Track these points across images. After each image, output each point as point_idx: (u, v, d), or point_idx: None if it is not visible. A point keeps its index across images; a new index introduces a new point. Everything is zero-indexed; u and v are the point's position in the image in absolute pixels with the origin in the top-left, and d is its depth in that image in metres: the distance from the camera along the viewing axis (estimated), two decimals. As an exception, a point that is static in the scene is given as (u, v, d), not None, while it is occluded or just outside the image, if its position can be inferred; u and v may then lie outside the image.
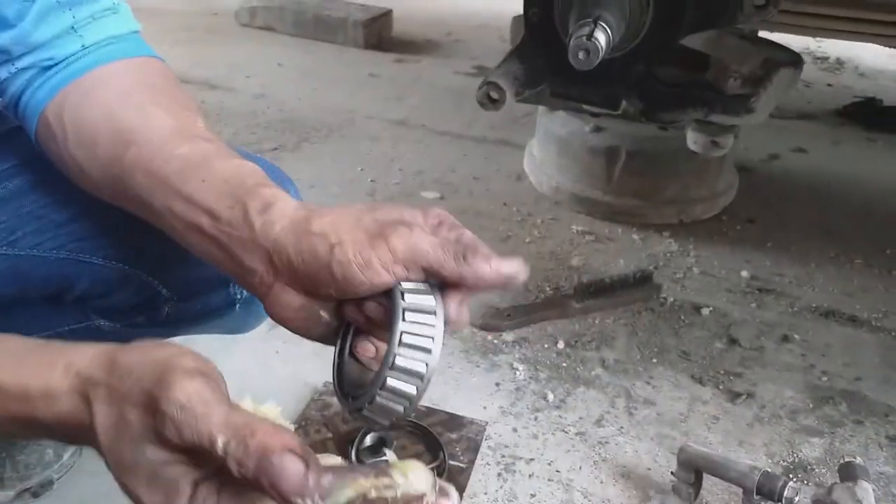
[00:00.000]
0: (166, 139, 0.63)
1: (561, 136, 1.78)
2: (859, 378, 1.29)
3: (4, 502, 1.00)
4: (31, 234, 0.75)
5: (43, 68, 0.67)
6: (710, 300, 1.47)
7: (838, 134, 2.24)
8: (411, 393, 0.50)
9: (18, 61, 0.67)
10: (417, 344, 0.50)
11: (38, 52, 0.67)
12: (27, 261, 0.75)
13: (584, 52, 1.01)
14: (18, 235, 0.75)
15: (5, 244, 0.75)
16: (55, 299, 0.82)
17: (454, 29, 3.02)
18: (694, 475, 0.99)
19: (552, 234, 1.67)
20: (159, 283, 0.81)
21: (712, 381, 1.27)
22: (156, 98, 0.67)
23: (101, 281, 0.79)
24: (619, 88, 1.18)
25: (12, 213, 0.75)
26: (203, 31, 2.86)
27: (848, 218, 1.78)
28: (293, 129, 2.11)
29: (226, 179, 0.59)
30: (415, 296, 0.52)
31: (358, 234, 0.53)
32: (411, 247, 0.52)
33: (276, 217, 0.56)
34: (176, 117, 0.65)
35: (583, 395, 1.23)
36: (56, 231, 0.76)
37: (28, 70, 0.67)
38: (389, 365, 0.50)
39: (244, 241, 0.56)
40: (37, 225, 0.75)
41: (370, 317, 0.55)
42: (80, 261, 0.77)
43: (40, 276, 0.77)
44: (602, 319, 1.40)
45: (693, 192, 1.72)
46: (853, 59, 2.83)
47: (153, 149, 0.62)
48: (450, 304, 0.53)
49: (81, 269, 0.78)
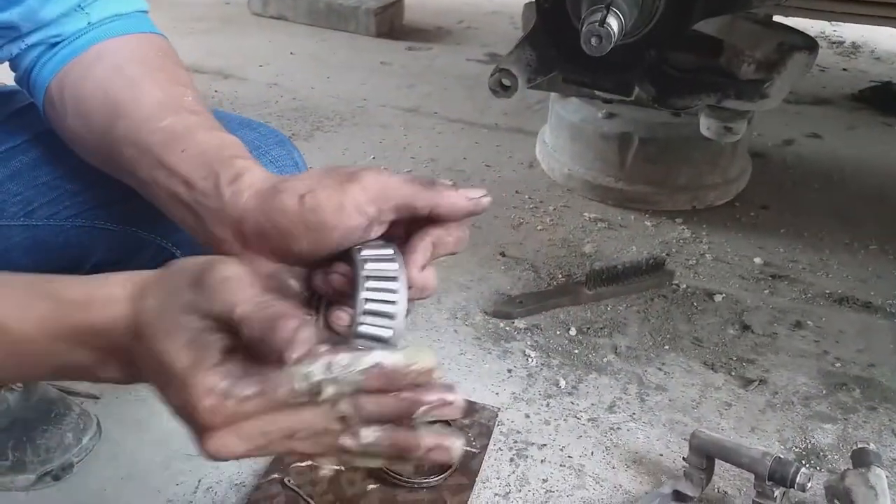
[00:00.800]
0: (153, 112, 0.65)
1: (573, 123, 1.77)
2: (873, 364, 1.28)
3: (26, 486, 1.01)
4: (46, 204, 0.77)
5: (50, 45, 0.70)
6: (722, 287, 1.47)
7: (853, 119, 2.22)
8: None
9: (28, 38, 0.70)
10: (380, 310, 0.51)
11: (46, 29, 0.70)
12: (45, 231, 0.78)
13: (596, 38, 1.01)
14: (35, 206, 0.77)
15: (22, 215, 0.77)
16: (73, 270, 0.84)
17: (466, 16, 3.00)
18: (706, 461, 1.00)
19: (564, 221, 1.67)
20: (174, 246, 0.83)
21: (725, 368, 1.27)
22: (148, 72, 0.69)
23: (117, 247, 0.81)
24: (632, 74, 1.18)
25: (27, 185, 0.77)
26: (216, 21, 2.87)
27: (863, 204, 1.77)
28: (306, 118, 2.12)
29: (204, 150, 0.61)
30: (377, 263, 0.53)
31: (327, 181, 0.54)
32: (382, 183, 0.53)
33: (244, 186, 0.57)
34: (165, 91, 0.67)
35: (595, 381, 1.23)
36: (72, 200, 0.78)
37: (37, 46, 0.70)
38: (354, 334, 0.51)
39: (214, 210, 0.58)
40: (52, 195, 0.77)
41: (336, 288, 0.56)
42: (95, 227, 0.79)
43: (58, 246, 0.79)
44: (614, 306, 1.40)
45: (706, 179, 1.72)
46: (869, 43, 2.80)
47: (140, 121, 0.64)
48: (412, 268, 0.54)
49: (98, 237, 0.80)
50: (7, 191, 0.76)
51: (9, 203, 0.76)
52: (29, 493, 1.01)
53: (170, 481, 1.03)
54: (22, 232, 0.77)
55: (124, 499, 1.01)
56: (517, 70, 1.20)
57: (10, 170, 0.77)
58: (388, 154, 1.94)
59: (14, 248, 0.77)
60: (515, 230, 1.63)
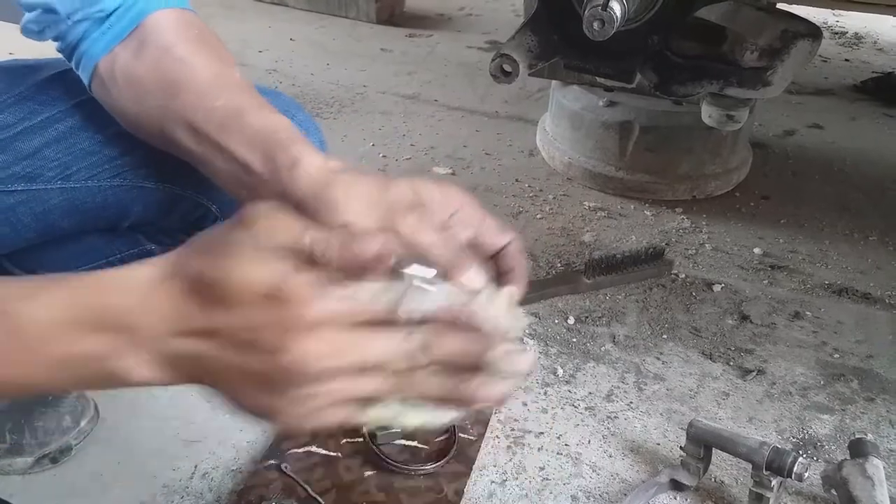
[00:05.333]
0: (207, 91, 0.67)
1: (574, 111, 1.76)
2: (871, 355, 1.28)
3: (24, 468, 1.01)
4: (85, 168, 0.79)
5: (96, 20, 0.70)
6: (722, 277, 1.46)
7: (855, 110, 2.21)
8: None
9: (72, 16, 0.71)
10: None
11: (88, 7, 0.70)
12: (83, 192, 0.79)
13: (599, 23, 1.00)
14: (73, 171, 0.79)
15: (60, 178, 0.78)
16: (111, 229, 0.86)
17: (467, 3, 2.99)
18: (703, 450, 1.00)
19: (564, 209, 1.67)
20: (209, 201, 0.84)
21: (723, 358, 1.26)
22: (196, 51, 0.70)
23: (154, 204, 0.83)
24: (634, 61, 1.17)
25: (65, 151, 0.78)
26: (216, 6, 2.85)
27: (863, 195, 1.76)
28: (305, 105, 2.10)
29: (258, 132, 0.62)
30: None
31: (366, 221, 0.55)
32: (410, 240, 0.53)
33: (301, 174, 0.58)
34: (214, 70, 0.69)
35: (593, 370, 1.23)
36: (110, 164, 0.79)
37: (82, 22, 0.71)
38: None
39: (274, 193, 0.59)
40: (91, 160, 0.79)
41: None
42: (133, 186, 0.81)
43: (96, 206, 0.81)
44: (613, 295, 1.40)
45: (707, 169, 1.71)
46: (872, 34, 2.79)
47: (196, 101, 0.66)
48: None
49: (135, 195, 0.81)
50: (45, 157, 0.78)
51: (46, 168, 0.78)
52: (26, 475, 1.01)
53: (166, 466, 1.03)
54: (60, 194, 0.79)
55: (121, 483, 1.01)
56: (518, 56, 1.19)
57: (46, 138, 0.78)
58: (387, 142, 1.93)
59: (53, 210, 0.79)
60: (515, 218, 1.62)
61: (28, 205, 0.78)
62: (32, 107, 0.78)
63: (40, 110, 0.78)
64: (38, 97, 0.79)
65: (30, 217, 0.79)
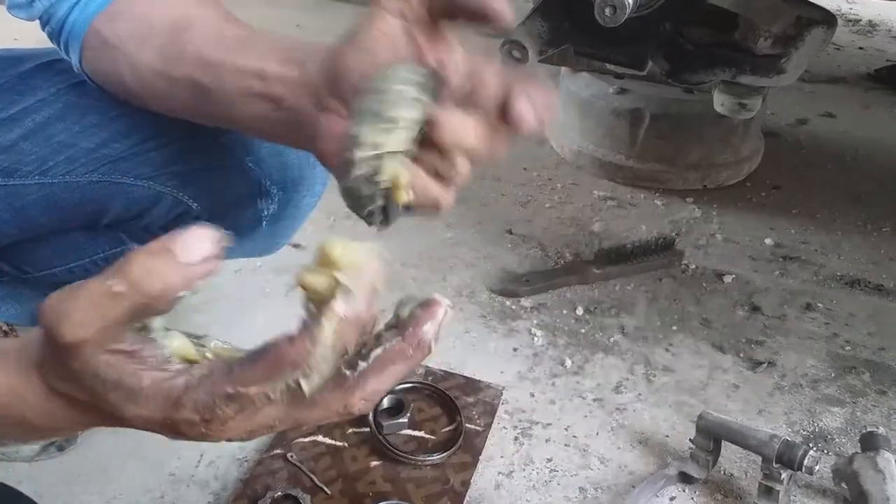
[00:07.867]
0: (216, 24, 0.66)
1: (584, 99, 1.74)
2: (883, 348, 1.27)
3: (30, 456, 1.01)
4: (62, 162, 0.78)
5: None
6: (732, 267, 1.45)
7: (868, 98, 2.18)
8: None
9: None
10: None
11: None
12: (61, 188, 0.78)
13: (610, 8, 0.98)
14: (50, 165, 0.77)
15: (37, 174, 0.77)
16: (90, 226, 0.85)
17: (475, -11, 2.96)
18: (712, 443, 0.99)
19: (573, 199, 1.65)
20: (190, 198, 0.83)
21: (733, 349, 1.25)
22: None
23: (133, 201, 0.82)
24: (646, 48, 1.15)
25: (42, 144, 0.77)
26: (221, -9, 2.84)
27: (877, 184, 1.74)
28: (312, 91, 2.09)
29: (272, 41, 0.62)
30: None
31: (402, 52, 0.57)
32: None
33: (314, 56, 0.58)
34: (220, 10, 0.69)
35: (601, 361, 1.22)
36: (87, 157, 0.78)
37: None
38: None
39: (291, 87, 0.58)
40: (68, 153, 0.78)
41: None
42: (112, 182, 0.79)
43: (74, 202, 0.79)
44: (622, 286, 1.39)
45: (718, 158, 1.69)
46: (886, 22, 2.75)
47: (207, 30, 0.65)
48: None
49: (114, 191, 0.80)
50: (21, 150, 0.76)
51: (23, 162, 0.76)
52: (33, 463, 1.01)
53: (172, 455, 1.03)
54: (38, 190, 0.78)
55: (127, 471, 1.01)
56: (528, 42, 1.17)
57: (23, 129, 0.76)
58: (395, 129, 1.92)
59: (30, 206, 0.78)
60: (523, 207, 1.61)
61: (6, 200, 0.77)
62: (12, 97, 0.77)
63: (18, 100, 0.77)
64: (18, 87, 0.78)
65: (9, 213, 0.78)
